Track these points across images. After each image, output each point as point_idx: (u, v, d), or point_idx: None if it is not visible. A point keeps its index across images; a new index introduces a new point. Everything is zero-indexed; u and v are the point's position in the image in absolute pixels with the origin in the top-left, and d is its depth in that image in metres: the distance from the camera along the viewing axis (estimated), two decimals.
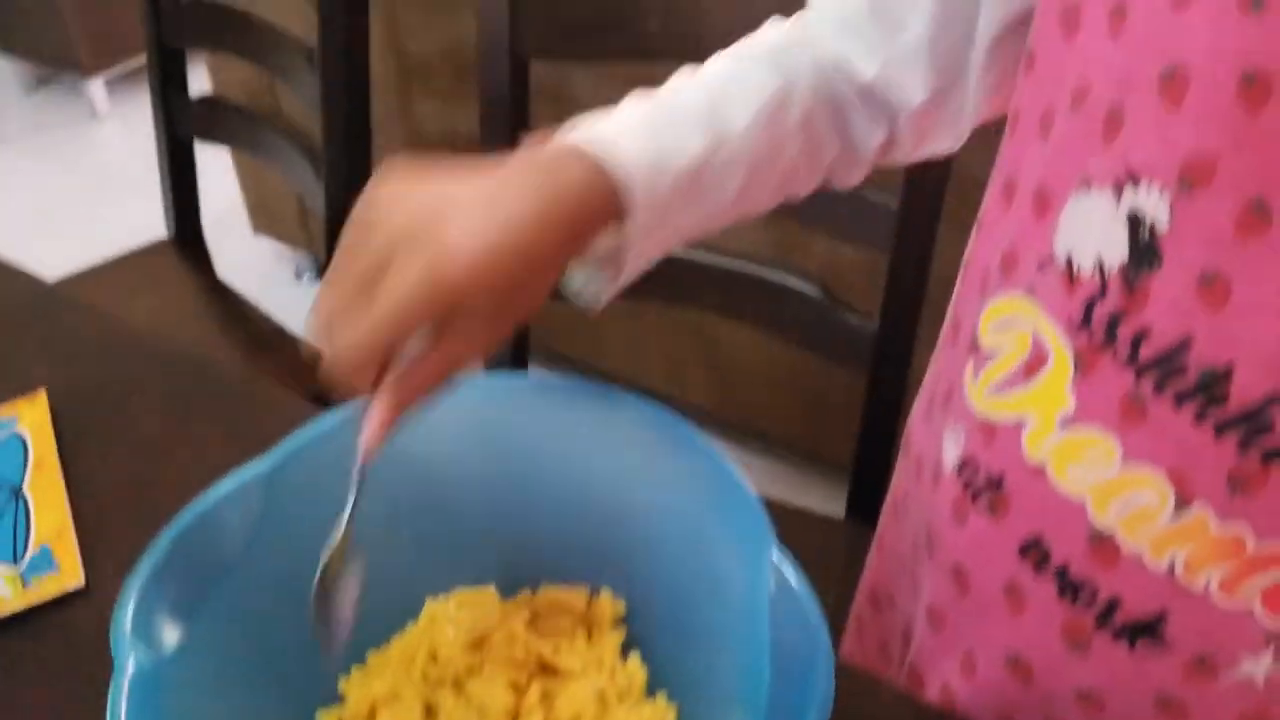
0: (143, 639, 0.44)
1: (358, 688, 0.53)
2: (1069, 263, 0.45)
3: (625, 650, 0.55)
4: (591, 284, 0.52)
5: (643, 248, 0.49)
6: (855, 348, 0.89)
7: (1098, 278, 0.44)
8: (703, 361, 1.59)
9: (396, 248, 0.42)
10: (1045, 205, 0.46)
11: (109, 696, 0.42)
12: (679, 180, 0.48)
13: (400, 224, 0.42)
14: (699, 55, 0.56)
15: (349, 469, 0.48)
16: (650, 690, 0.54)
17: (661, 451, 0.52)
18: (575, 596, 0.56)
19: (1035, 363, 0.47)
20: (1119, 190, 0.42)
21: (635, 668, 0.54)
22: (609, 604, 0.56)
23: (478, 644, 0.54)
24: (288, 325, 1.32)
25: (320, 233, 1.95)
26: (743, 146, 0.51)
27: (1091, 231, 0.43)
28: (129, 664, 0.43)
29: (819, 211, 0.80)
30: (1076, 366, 0.45)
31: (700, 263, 0.93)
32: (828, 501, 1.05)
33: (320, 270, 2.14)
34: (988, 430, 0.50)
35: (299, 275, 2.14)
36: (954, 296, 0.57)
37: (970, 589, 0.53)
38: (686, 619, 0.53)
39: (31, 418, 0.74)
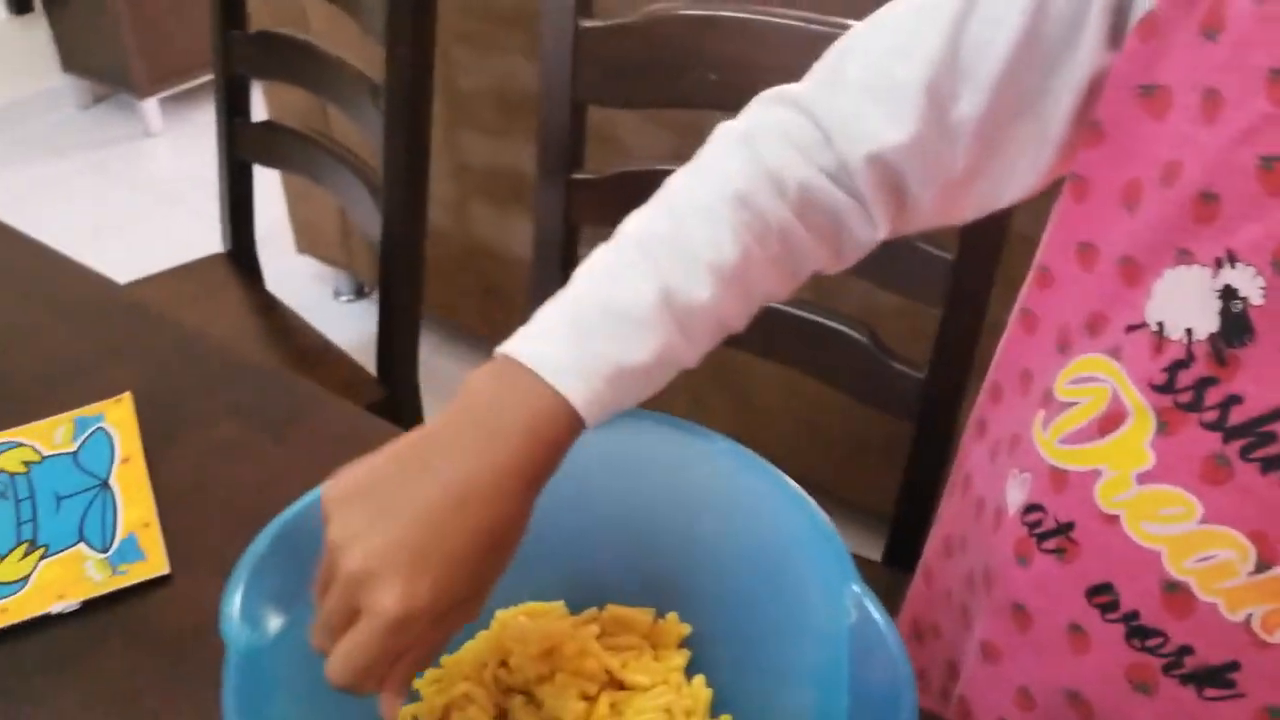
0: (248, 621, 0.48)
1: (432, 689, 0.56)
2: (1159, 328, 0.47)
3: (689, 673, 0.58)
4: None
5: (610, 415, 0.51)
6: (900, 396, 0.91)
7: (1185, 344, 0.46)
8: (727, 394, 1.61)
9: (353, 596, 0.44)
10: (1137, 275, 0.48)
11: (224, 669, 0.46)
12: (638, 377, 0.50)
13: (352, 570, 0.44)
14: (746, 105, 0.57)
15: None
16: (714, 712, 0.56)
17: (735, 483, 0.55)
18: (642, 615, 0.59)
19: (1112, 419, 0.49)
20: (1217, 267, 0.44)
21: (700, 687, 0.56)
22: (675, 625, 0.59)
23: (548, 654, 0.56)
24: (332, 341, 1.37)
25: (362, 253, 2.02)
26: (708, 317, 0.52)
27: (1185, 302, 0.46)
28: (239, 643, 0.46)
29: (867, 259, 0.83)
30: (1158, 426, 0.47)
31: None
32: (854, 548, 1.07)
33: (358, 291, 2.19)
34: (1058, 478, 0.52)
35: (337, 295, 2.19)
36: (1008, 341, 0.59)
37: (1031, 627, 0.55)
38: (753, 647, 0.55)
39: (118, 416, 0.78)
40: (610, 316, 0.50)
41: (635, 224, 0.54)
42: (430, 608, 0.44)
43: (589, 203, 1.00)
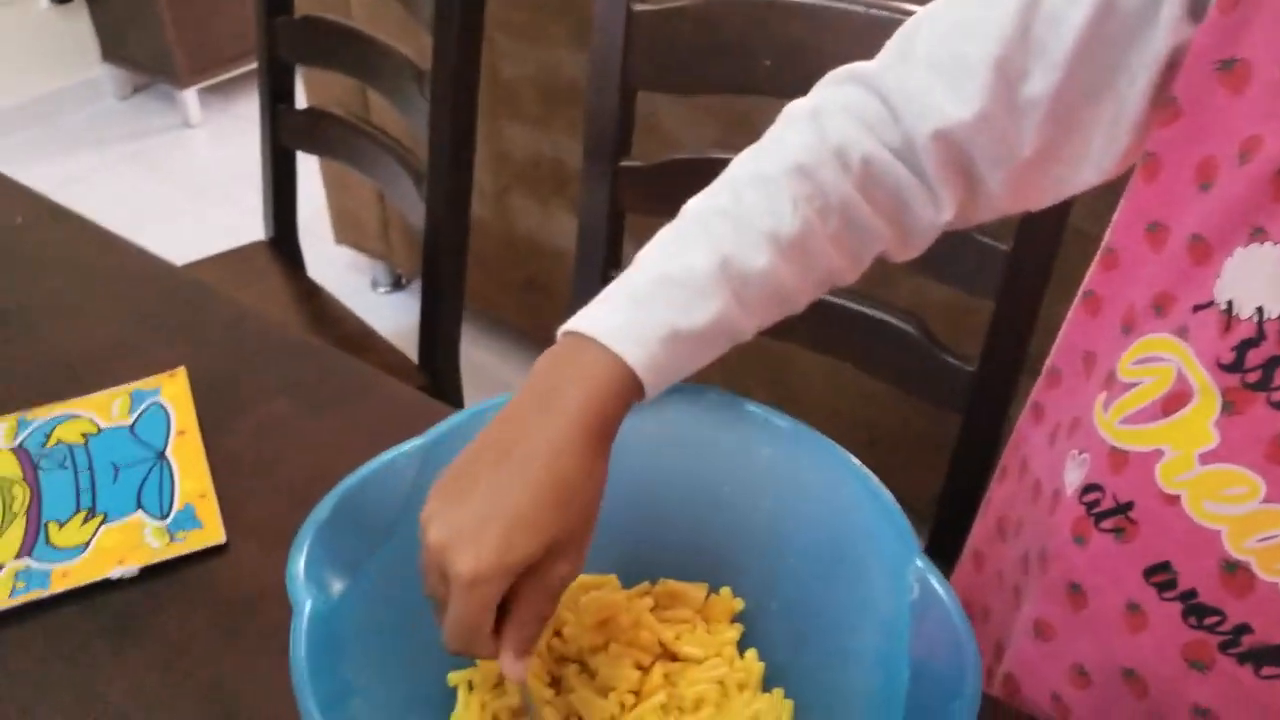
0: (313, 583, 0.49)
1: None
2: (1229, 307, 0.47)
3: (742, 648, 0.58)
4: None
5: (667, 387, 0.52)
6: (949, 389, 0.90)
7: (1256, 322, 0.46)
8: (769, 387, 1.61)
9: (439, 569, 0.47)
10: (1207, 253, 0.48)
11: (291, 629, 0.46)
12: (694, 343, 0.51)
13: (432, 545, 0.47)
14: (802, 92, 0.58)
15: None
16: (766, 687, 0.57)
17: (798, 461, 0.55)
18: (696, 590, 0.59)
19: (1176, 399, 0.49)
20: None
21: (753, 660, 0.57)
22: (728, 600, 0.59)
23: (602, 625, 0.57)
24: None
25: (401, 244, 2.03)
26: (765, 284, 0.53)
27: (1257, 281, 0.46)
28: (308, 604, 0.47)
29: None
30: (1224, 406, 0.47)
31: None
32: None
33: (395, 283, 2.20)
34: (1118, 458, 0.52)
35: (375, 286, 2.20)
36: (1069, 326, 0.59)
37: (1086, 606, 0.55)
38: (810, 623, 0.55)
39: (173, 390, 0.79)
40: (667, 284, 0.52)
41: (696, 201, 0.56)
42: (498, 564, 0.45)
43: (636, 191, 1.00)
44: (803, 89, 0.59)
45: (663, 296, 0.51)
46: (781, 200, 0.53)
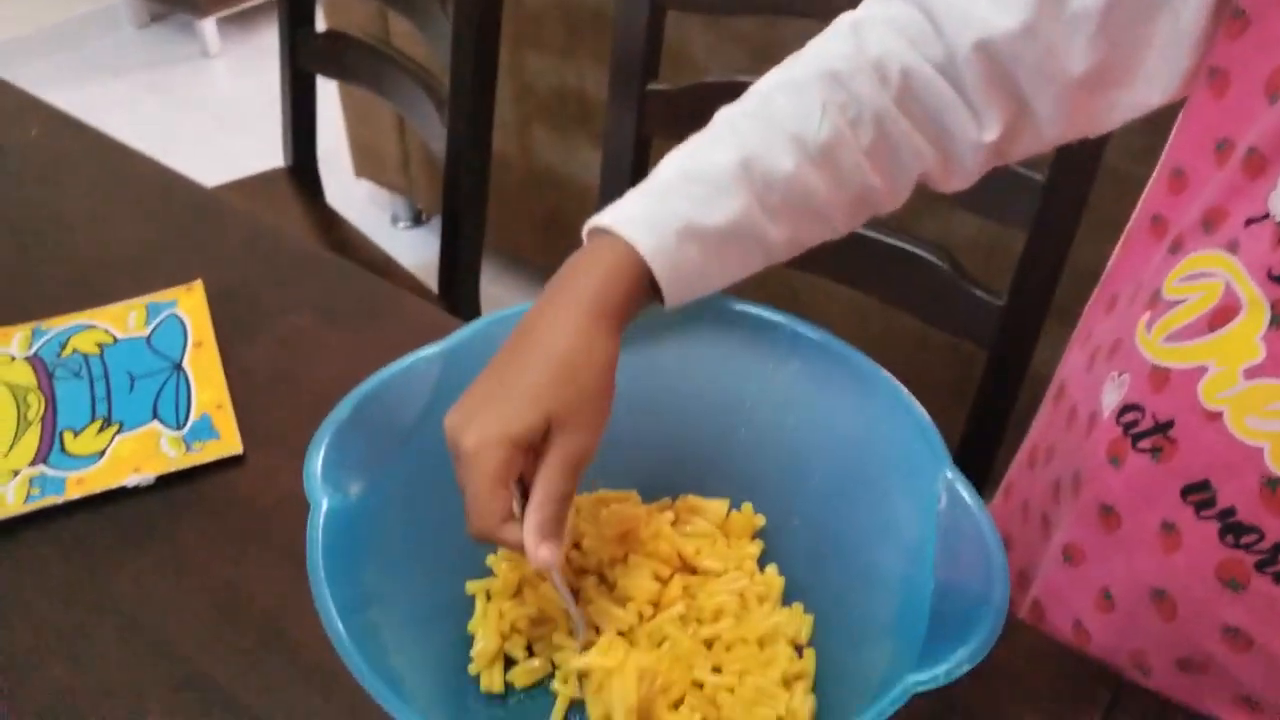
0: (330, 483, 0.48)
1: (506, 565, 0.56)
2: None
3: (761, 565, 0.57)
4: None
5: (692, 294, 0.52)
6: (977, 323, 0.89)
7: None
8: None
9: (453, 448, 0.48)
10: (1262, 166, 0.46)
11: (307, 530, 0.45)
12: (712, 242, 0.51)
13: (447, 430, 0.48)
14: (835, 13, 0.56)
15: None
16: (786, 603, 0.56)
17: (823, 372, 0.54)
18: (716, 505, 0.58)
19: (1223, 314, 0.48)
20: None
21: (773, 575, 0.56)
22: (749, 516, 0.58)
23: (622, 538, 0.56)
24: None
25: (421, 179, 2.01)
26: (790, 189, 0.51)
27: None
28: (324, 502, 0.46)
29: None
30: (1272, 320, 0.46)
31: None
32: None
33: (416, 218, 2.19)
34: (1159, 377, 0.51)
35: (395, 221, 2.19)
36: (1128, 250, 0.58)
37: (1120, 527, 0.54)
38: (834, 539, 0.54)
39: (190, 303, 0.78)
40: (686, 179, 0.51)
41: (725, 108, 0.54)
42: (499, 433, 0.46)
43: (662, 115, 0.98)
44: (836, 10, 0.57)
45: (681, 191, 0.51)
46: (810, 104, 0.52)
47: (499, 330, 0.53)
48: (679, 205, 0.50)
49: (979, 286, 0.89)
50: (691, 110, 0.99)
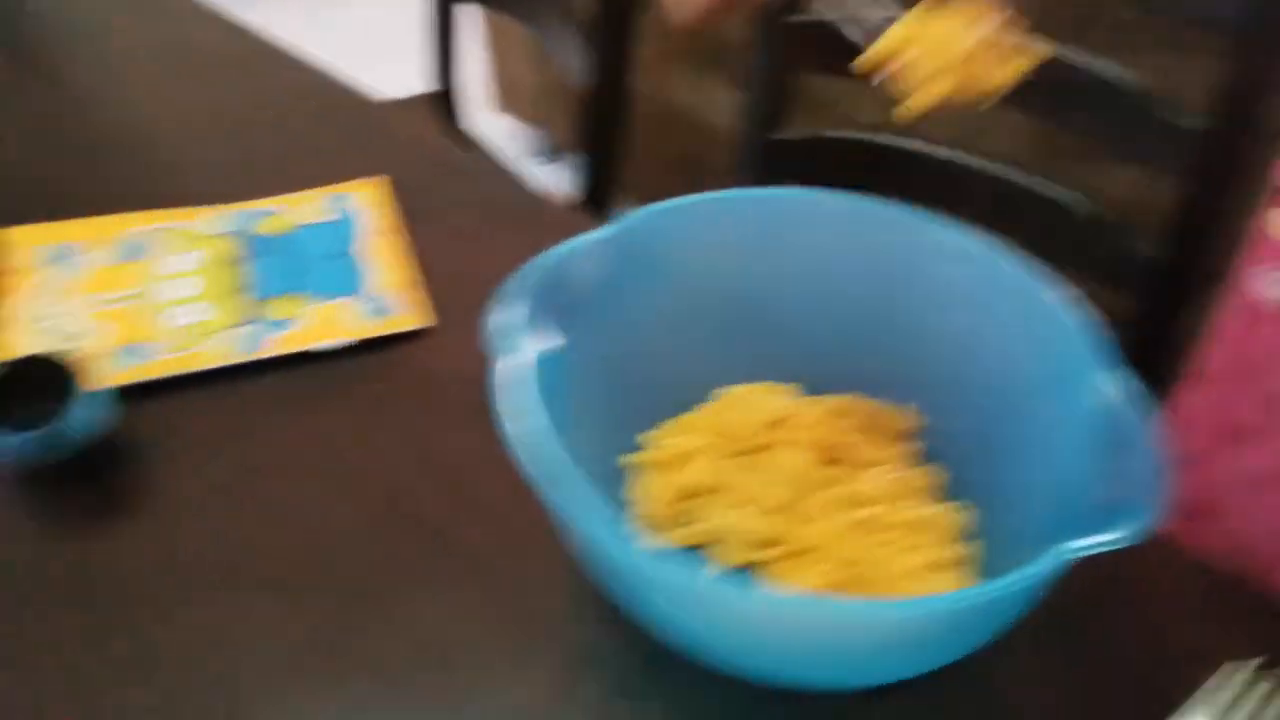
0: (507, 340, 0.51)
1: (664, 440, 0.59)
2: None
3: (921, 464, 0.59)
4: None
5: None
6: (1125, 273, 0.88)
7: None
8: None
9: None
10: None
11: (489, 379, 0.49)
12: None
13: None
14: None
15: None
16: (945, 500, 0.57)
17: (988, 275, 0.55)
18: (873, 405, 0.60)
19: None
20: None
21: (930, 470, 0.58)
22: (909, 415, 0.60)
23: (773, 426, 0.58)
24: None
25: (559, 113, 2.04)
26: None
27: None
28: (514, 351, 0.50)
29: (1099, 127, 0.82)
30: None
31: (960, 164, 0.93)
32: None
33: (556, 153, 2.23)
34: None
35: (531, 156, 2.24)
36: None
37: None
38: (990, 441, 0.56)
39: (372, 196, 0.83)
40: None
41: None
42: None
43: (807, 48, 0.98)
44: None
45: None
46: None
47: (662, 221, 0.58)
48: None
49: (1127, 235, 0.88)
50: (839, 41, 1.00)
